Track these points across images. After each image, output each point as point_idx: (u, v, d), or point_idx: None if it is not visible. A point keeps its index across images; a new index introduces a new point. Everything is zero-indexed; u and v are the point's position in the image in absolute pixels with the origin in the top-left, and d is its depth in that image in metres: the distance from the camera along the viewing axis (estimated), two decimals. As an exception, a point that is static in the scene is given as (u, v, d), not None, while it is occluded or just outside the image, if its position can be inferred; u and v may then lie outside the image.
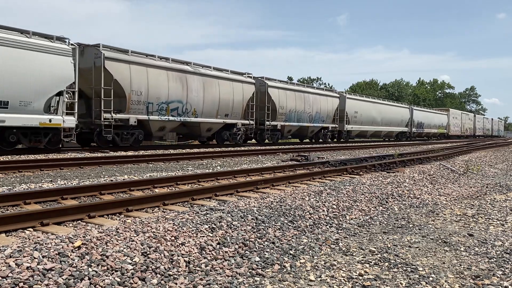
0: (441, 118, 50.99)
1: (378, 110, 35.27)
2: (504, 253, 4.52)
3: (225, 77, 20.52)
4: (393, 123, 38.37)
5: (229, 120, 20.79)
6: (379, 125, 35.76)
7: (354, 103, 32.12)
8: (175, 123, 18.19)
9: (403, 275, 3.81)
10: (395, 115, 38.80)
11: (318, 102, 27.47)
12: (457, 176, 11.60)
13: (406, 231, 5.54)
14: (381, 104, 36.92)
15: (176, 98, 17.81)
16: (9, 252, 3.24)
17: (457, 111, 59.25)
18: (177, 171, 9.83)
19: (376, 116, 35.00)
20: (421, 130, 44.85)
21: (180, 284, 3.34)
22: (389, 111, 37.60)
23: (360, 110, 32.53)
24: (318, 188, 7.14)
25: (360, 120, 32.70)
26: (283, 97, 24.29)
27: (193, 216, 4.75)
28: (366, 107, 33.63)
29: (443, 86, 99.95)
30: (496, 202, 7.78)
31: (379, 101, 37.83)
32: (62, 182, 7.49)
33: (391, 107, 38.59)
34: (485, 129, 71.95)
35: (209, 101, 19.37)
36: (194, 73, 18.77)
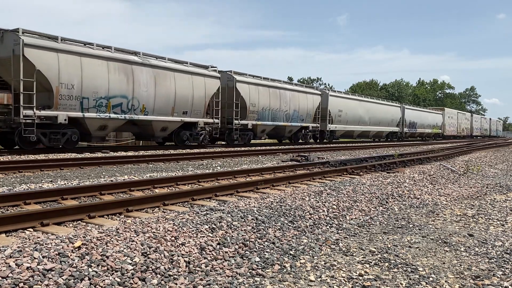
0: (436, 117, 49.02)
1: (365, 108, 33.16)
2: (504, 253, 4.52)
3: (183, 70, 18.23)
4: (382, 122, 36.26)
5: (189, 119, 18.52)
6: (367, 124, 33.63)
7: (338, 101, 29.88)
8: (119, 122, 15.92)
9: (403, 275, 3.81)
10: (385, 114, 36.65)
11: (297, 99, 25.39)
12: (457, 177, 11.59)
13: (406, 231, 5.54)
14: (368, 102, 34.59)
15: (120, 92, 15.47)
16: (9, 252, 3.24)
17: (453, 111, 57.38)
18: (177, 171, 9.84)
19: (363, 115, 32.88)
20: (414, 130, 42.92)
21: (180, 284, 3.34)
22: (378, 110, 35.36)
23: (345, 109, 30.32)
24: (318, 188, 7.14)
25: (345, 119, 30.48)
26: (254, 93, 22.09)
27: (193, 216, 4.75)
28: (352, 106, 31.45)
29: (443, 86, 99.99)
30: (496, 202, 7.78)
31: (366, 99, 35.14)
32: (62, 182, 7.49)
33: (380, 106, 36.41)
34: (483, 129, 70.18)
35: (162, 96, 17.18)
36: (143, 65, 16.50)
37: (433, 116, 48.52)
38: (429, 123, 46.87)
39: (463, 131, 57.61)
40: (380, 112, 35.86)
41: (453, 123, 54.16)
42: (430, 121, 47.17)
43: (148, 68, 16.69)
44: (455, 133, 54.51)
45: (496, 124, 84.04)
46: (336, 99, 29.72)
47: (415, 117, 43.29)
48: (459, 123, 56.03)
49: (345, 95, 32.29)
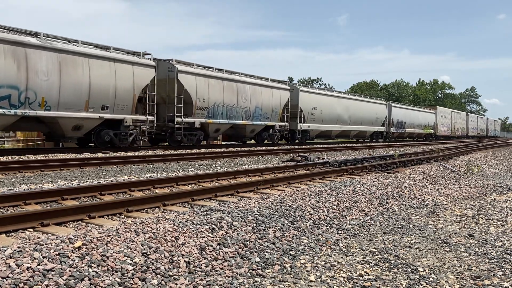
0: (427, 116, 45.97)
1: (344, 106, 29.91)
2: (504, 254, 4.52)
3: (101, 56, 14.96)
4: (365, 121, 32.94)
5: (111, 115, 15.28)
6: (347, 123, 30.36)
7: (312, 97, 26.56)
8: (9, 118, 12.61)
9: (403, 276, 3.81)
10: (368, 113, 33.31)
11: (259, 94, 22.06)
12: (457, 177, 11.59)
13: (407, 231, 5.54)
14: (348, 99, 31.14)
15: (6, 81, 12.24)
16: (10, 252, 3.24)
17: (447, 109, 54.35)
18: (178, 171, 9.84)
19: (342, 113, 29.61)
20: (402, 130, 39.79)
21: (180, 284, 3.34)
22: (359, 107, 32.04)
23: (320, 106, 27.07)
24: (319, 189, 7.14)
25: (320, 117, 27.26)
26: (203, 86, 18.81)
27: (193, 216, 4.75)
28: (328, 103, 28.12)
29: (443, 86, 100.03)
30: (497, 202, 7.78)
31: (346, 95, 31.67)
32: (63, 182, 7.49)
33: (362, 103, 32.85)
34: (480, 129, 67.50)
35: (70, 87, 13.83)
36: (43, 48, 13.18)
37: (424, 115, 45.62)
38: (420, 122, 44.02)
39: (457, 131, 55.18)
40: (363, 110, 32.58)
41: (447, 122, 51.44)
42: (421, 120, 44.32)
43: (50, 52, 13.38)
44: (449, 133, 51.98)
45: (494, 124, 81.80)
46: (308, 95, 26.39)
47: (404, 116, 40.32)
48: (453, 122, 53.40)
49: (320, 91, 28.72)
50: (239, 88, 21.04)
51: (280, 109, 24.02)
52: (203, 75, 19.04)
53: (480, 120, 69.84)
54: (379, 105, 36.09)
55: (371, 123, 34.19)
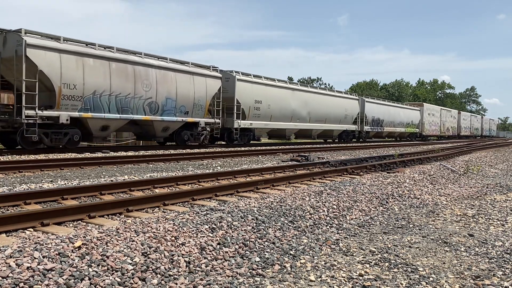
0: (411, 114, 41.64)
1: (302, 100, 25.46)
2: (504, 253, 4.52)
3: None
4: (330, 119, 28.36)
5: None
6: (306, 121, 25.97)
7: (255, 89, 21.97)
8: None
9: (403, 275, 3.81)
10: (334, 109, 28.66)
11: (172, 82, 17.21)
12: (457, 176, 11.59)
13: (407, 231, 5.54)
14: (306, 92, 26.29)
15: None
16: (10, 252, 3.24)
17: (435, 107, 49.90)
18: (177, 171, 9.83)
19: (299, 109, 25.18)
20: (379, 128, 35.40)
21: (180, 284, 3.34)
22: (322, 102, 27.42)
23: (268, 100, 22.63)
24: (319, 188, 7.14)
25: (268, 113, 22.74)
26: (72, 67, 13.87)
27: (193, 216, 4.75)
28: (279, 96, 23.62)
29: (443, 86, 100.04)
30: (497, 202, 7.78)
31: (303, 88, 26.57)
32: (63, 182, 7.49)
33: (325, 98, 28.04)
34: (473, 128, 63.57)
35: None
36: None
37: (407, 113, 41.11)
38: (402, 120, 39.57)
39: (447, 130, 51.22)
40: (327, 105, 27.89)
41: (435, 121, 47.15)
42: (403, 118, 39.87)
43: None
44: (438, 132, 47.86)
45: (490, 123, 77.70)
46: (250, 86, 21.65)
47: (381, 113, 35.69)
48: (442, 121, 49.25)
49: (267, 81, 23.22)
50: (138, 72, 15.88)
51: (207, 102, 18.84)
52: (73, 52, 14.01)
53: (474, 118, 65.88)
54: (348, 100, 30.91)
55: (338, 121, 29.46)
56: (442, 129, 49.38)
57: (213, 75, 19.48)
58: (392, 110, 37.95)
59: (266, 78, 23.39)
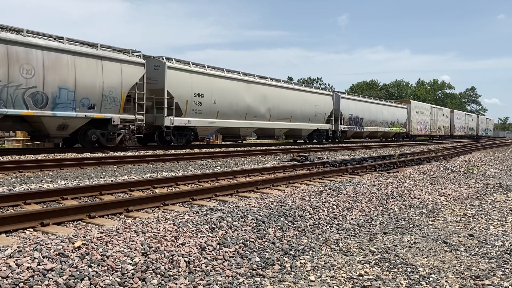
0: (396, 112, 38.22)
1: (259, 95, 21.85)
2: (504, 254, 4.52)
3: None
4: (297, 117, 24.97)
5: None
6: (265, 119, 22.48)
7: (195, 79, 18.03)
8: None
9: (403, 275, 3.81)
10: (301, 105, 25.19)
11: (68, 68, 13.56)
12: (457, 177, 11.59)
13: (407, 231, 5.54)
14: (265, 85, 22.55)
15: None
16: (10, 252, 3.24)
17: (424, 104, 46.77)
18: (177, 171, 9.83)
19: (256, 105, 21.61)
20: (358, 128, 31.87)
21: (180, 284, 3.34)
22: (286, 98, 23.93)
23: (213, 93, 18.85)
24: (318, 189, 7.14)
25: (214, 109, 18.98)
26: None
27: (193, 216, 4.75)
28: (229, 89, 19.82)
29: (443, 86, 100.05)
30: (496, 202, 7.77)
31: (261, 80, 22.38)
32: (63, 182, 7.49)
33: (289, 92, 24.46)
34: (468, 128, 60.61)
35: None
36: None
37: (392, 110, 37.52)
38: (385, 119, 36.03)
39: (439, 130, 48.18)
40: (292, 101, 24.49)
41: (425, 120, 43.96)
42: (387, 116, 36.33)
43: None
44: (428, 132, 44.78)
45: (486, 123, 74.44)
46: (187, 76, 17.79)
47: (360, 111, 32.05)
48: (433, 120, 46.12)
49: (212, 70, 19.29)
50: (15, 54, 12.31)
51: (123, 94, 15.19)
52: None
53: (469, 118, 62.65)
54: (319, 95, 27.25)
55: (307, 119, 25.94)
56: (433, 128, 46.29)
57: (132, 61, 15.56)
58: (373, 107, 34.32)
59: (211, 67, 19.50)
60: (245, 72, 21.59)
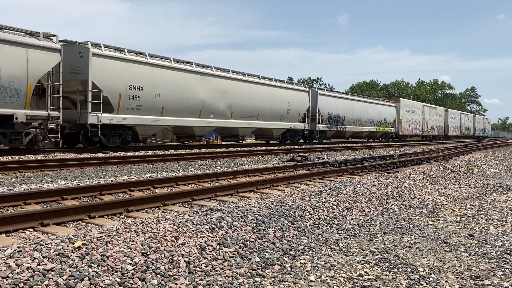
0: (384, 110, 35.43)
1: (217, 89, 19.07)
2: (504, 254, 4.52)
3: None
4: (265, 114, 22.07)
5: None
6: (225, 117, 19.73)
7: (131, 70, 15.27)
8: None
9: (403, 276, 3.81)
10: (271, 102, 22.44)
11: None
12: (457, 177, 11.59)
13: (407, 231, 5.54)
14: (224, 79, 19.62)
15: None
16: (9, 252, 3.24)
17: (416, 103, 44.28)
18: (178, 171, 9.83)
19: (213, 101, 18.80)
20: (340, 127, 28.87)
21: (180, 284, 3.34)
22: (251, 93, 21.04)
23: (156, 86, 16.15)
24: (318, 189, 7.14)
25: (157, 105, 16.28)
26: None
27: (193, 216, 4.75)
28: (177, 82, 17.06)
29: (443, 86, 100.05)
30: (497, 202, 7.77)
31: (218, 73, 19.43)
32: (63, 182, 7.49)
33: (255, 87, 21.48)
34: (464, 128, 58.32)
35: None
36: None
37: (378, 109, 34.60)
38: (371, 118, 33.26)
39: (432, 130, 45.83)
40: (259, 97, 21.63)
41: (416, 119, 41.58)
42: (373, 115, 33.57)
43: None
44: (419, 132, 42.48)
45: (483, 123, 72.04)
46: (121, 65, 15.00)
47: (341, 109, 29.03)
48: (425, 119, 43.77)
49: (154, 59, 16.45)
50: None
51: (29, 85, 12.50)
52: None
53: (465, 117, 60.13)
54: (293, 91, 24.62)
55: (278, 118, 23.28)
56: (425, 128, 43.89)
57: (43, 46, 12.64)
58: (357, 105, 31.40)
59: (155, 56, 16.70)
60: (200, 63, 18.86)
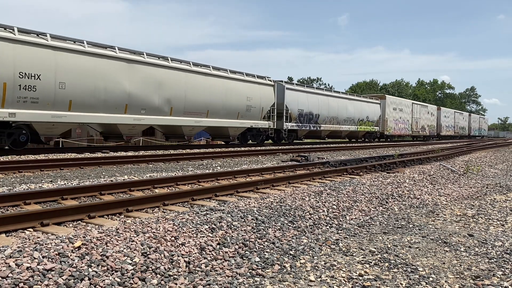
0: (366, 108, 32.16)
1: (152, 80, 15.95)
2: (504, 254, 4.52)
3: None
4: (217, 111, 18.81)
5: None
6: (163, 113, 16.54)
7: (22, 53, 12.19)
8: None
9: (403, 276, 3.81)
10: (224, 96, 19.13)
11: None
12: (457, 177, 11.59)
13: (406, 231, 5.54)
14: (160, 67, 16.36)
15: None
16: (9, 252, 3.23)
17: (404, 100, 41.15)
18: (177, 171, 9.83)
19: (143, 94, 15.70)
20: (313, 126, 25.84)
21: (180, 284, 3.34)
22: (196, 85, 17.74)
23: (59, 74, 13.13)
24: (318, 189, 7.14)
25: (61, 97, 13.24)
26: None
27: (193, 216, 4.75)
28: (92, 70, 14.04)
29: (443, 86, 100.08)
30: (496, 202, 7.77)
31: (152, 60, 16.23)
32: (62, 182, 7.48)
33: (202, 78, 18.09)
34: (459, 127, 55.61)
35: None
36: None
37: (360, 106, 31.35)
38: (351, 116, 30.05)
39: (423, 129, 43.22)
40: (208, 91, 18.33)
41: (404, 118, 38.79)
42: (353, 113, 30.28)
43: None
44: (408, 131, 39.74)
45: (480, 122, 68.55)
46: (7, 47, 11.98)
47: (315, 106, 25.90)
48: (415, 118, 41.13)
49: (58, 42, 13.27)
50: None
51: None
52: None
53: (459, 116, 57.11)
54: (253, 84, 21.12)
55: (235, 115, 20.05)
56: (415, 127, 41.11)
57: None
58: (333, 102, 28.11)
59: (59, 38, 13.41)
60: (128, 49, 15.55)
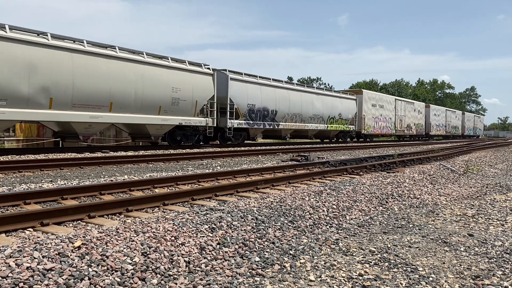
0: (338, 104, 27.96)
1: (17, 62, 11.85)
2: (504, 253, 4.52)
3: None
4: (127, 105, 15.00)
5: None
6: (39, 106, 12.64)
7: None
8: None
9: (403, 275, 3.81)
10: (137, 85, 15.18)
11: None
12: (457, 176, 11.59)
13: (406, 231, 5.54)
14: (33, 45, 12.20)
15: None
16: (9, 252, 3.24)
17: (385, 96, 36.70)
18: (177, 171, 9.83)
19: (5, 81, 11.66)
20: (269, 124, 22.09)
21: (180, 284, 3.34)
22: (96, 70, 13.88)
23: None
24: (318, 188, 7.14)
25: None
26: None
27: (193, 216, 4.75)
28: None
29: (443, 86, 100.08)
30: (496, 202, 7.77)
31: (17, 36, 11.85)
32: (62, 182, 7.48)
33: (105, 62, 14.16)
34: (451, 126, 52.08)
35: None
36: None
37: (330, 102, 27.11)
38: (319, 113, 26.04)
39: (409, 128, 39.71)
40: (112, 77, 14.40)
41: (386, 115, 34.67)
42: (321, 109, 26.23)
43: None
44: (391, 131, 35.96)
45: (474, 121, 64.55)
46: None
47: (270, 100, 22.06)
48: (399, 116, 37.21)
49: None
50: None
51: None
52: None
53: (451, 115, 53.20)
54: (183, 72, 17.11)
55: (155, 109, 16.16)
56: (399, 126, 37.37)
57: None
58: (295, 96, 23.83)
59: None
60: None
